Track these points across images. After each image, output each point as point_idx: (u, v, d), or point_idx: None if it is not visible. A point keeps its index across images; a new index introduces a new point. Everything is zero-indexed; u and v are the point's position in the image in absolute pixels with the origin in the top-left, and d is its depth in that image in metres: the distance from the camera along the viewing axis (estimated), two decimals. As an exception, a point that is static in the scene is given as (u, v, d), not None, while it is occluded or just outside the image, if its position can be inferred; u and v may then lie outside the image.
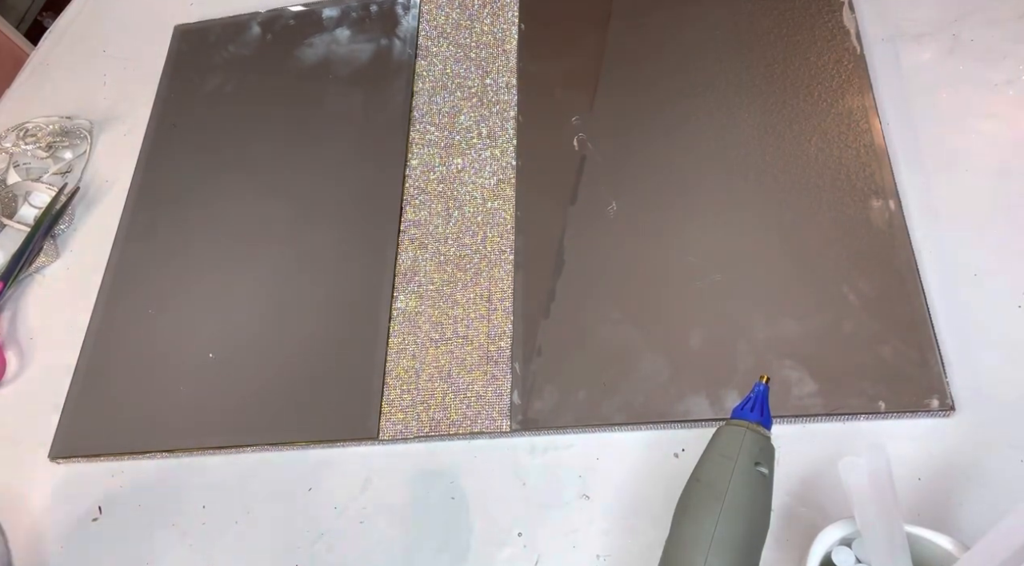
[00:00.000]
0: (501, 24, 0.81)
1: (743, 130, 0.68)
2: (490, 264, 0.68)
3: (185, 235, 0.77)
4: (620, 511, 0.57)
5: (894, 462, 0.43)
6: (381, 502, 0.61)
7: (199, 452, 0.65)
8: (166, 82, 0.88)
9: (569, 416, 0.60)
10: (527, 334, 0.64)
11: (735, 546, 0.44)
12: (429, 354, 0.65)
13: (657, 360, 0.60)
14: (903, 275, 0.59)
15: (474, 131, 0.75)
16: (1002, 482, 0.52)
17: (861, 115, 0.66)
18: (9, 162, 0.87)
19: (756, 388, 0.48)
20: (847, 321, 0.58)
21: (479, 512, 0.59)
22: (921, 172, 0.63)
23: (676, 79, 0.73)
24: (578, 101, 0.74)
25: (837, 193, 0.63)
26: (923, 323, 0.57)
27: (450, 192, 0.72)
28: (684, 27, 0.75)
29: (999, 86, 0.65)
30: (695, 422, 0.58)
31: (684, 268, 0.63)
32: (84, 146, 0.88)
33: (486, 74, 0.78)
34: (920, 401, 0.54)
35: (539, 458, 0.60)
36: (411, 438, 0.62)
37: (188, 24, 0.92)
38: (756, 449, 0.46)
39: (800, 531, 0.53)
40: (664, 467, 0.57)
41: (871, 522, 0.42)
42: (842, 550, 0.44)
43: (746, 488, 0.45)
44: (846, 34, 0.70)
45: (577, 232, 0.67)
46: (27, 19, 1.78)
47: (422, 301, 0.67)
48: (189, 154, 0.82)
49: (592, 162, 0.70)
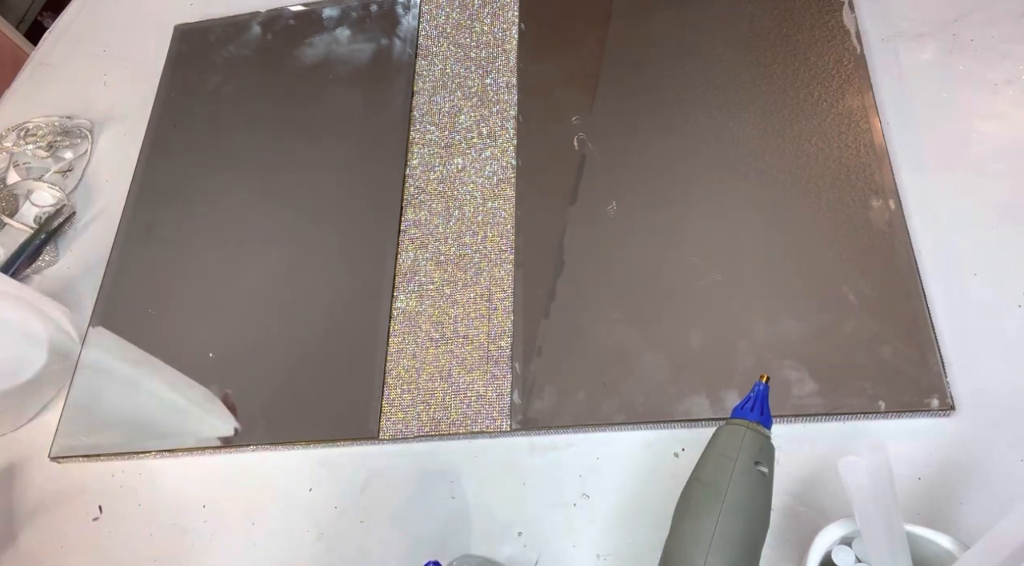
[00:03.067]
0: (501, 24, 0.81)
1: (743, 130, 0.68)
2: (490, 264, 0.68)
3: (185, 235, 0.77)
4: (620, 511, 0.57)
5: (894, 461, 0.43)
6: (381, 502, 0.61)
7: (199, 452, 0.66)
8: (166, 82, 0.88)
9: (569, 416, 0.60)
10: (527, 333, 0.64)
11: (735, 545, 0.43)
12: (429, 354, 0.65)
13: (657, 360, 0.60)
14: (903, 275, 0.59)
15: (474, 131, 0.75)
16: (1002, 481, 0.52)
17: (861, 115, 0.66)
18: (10, 162, 0.87)
19: (756, 387, 0.48)
20: (847, 321, 0.58)
21: (479, 512, 0.59)
22: (921, 172, 0.63)
23: (676, 79, 0.73)
24: (578, 101, 0.74)
25: (837, 193, 0.63)
26: (923, 323, 0.57)
27: (450, 192, 0.72)
28: (684, 27, 0.75)
29: (999, 85, 0.66)
30: (695, 422, 0.58)
31: (684, 268, 0.63)
32: (85, 146, 0.88)
33: (486, 74, 0.78)
34: (920, 401, 0.54)
35: (539, 458, 0.60)
36: (411, 438, 0.62)
37: (188, 24, 0.92)
38: (756, 448, 0.46)
39: (800, 530, 0.53)
40: (664, 467, 0.57)
41: (871, 521, 0.42)
42: (842, 549, 0.44)
43: (746, 487, 0.45)
44: (846, 34, 0.70)
45: (577, 232, 0.67)
46: (27, 19, 1.78)
47: (422, 301, 0.67)
48: (189, 154, 0.82)
49: (592, 162, 0.70)
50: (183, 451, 0.66)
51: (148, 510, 0.65)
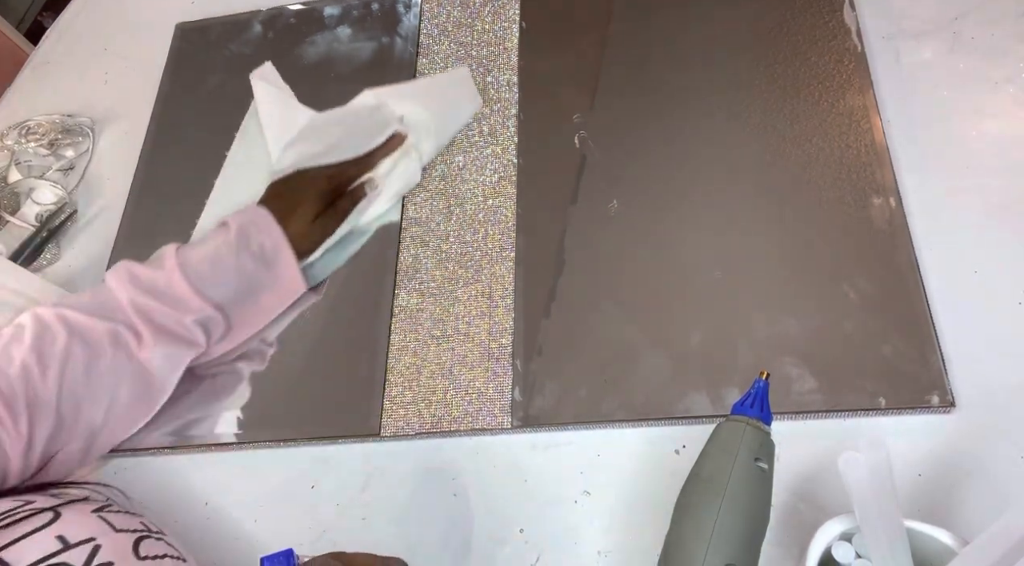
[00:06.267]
0: (502, 22, 0.81)
1: (744, 129, 0.68)
2: (491, 261, 0.68)
3: (186, 232, 0.77)
4: (621, 507, 0.57)
5: (894, 458, 0.43)
6: (383, 499, 0.61)
7: (201, 450, 0.66)
8: (167, 80, 0.88)
9: (570, 413, 0.60)
10: (528, 331, 0.64)
11: (735, 540, 0.44)
12: (430, 351, 0.65)
13: (658, 357, 0.60)
14: (903, 272, 0.59)
15: (475, 129, 0.75)
16: (1001, 478, 0.52)
17: (862, 113, 0.66)
18: (11, 160, 0.87)
19: (756, 384, 0.49)
20: (847, 318, 0.58)
21: (481, 509, 0.59)
22: (922, 170, 0.64)
23: (677, 77, 0.73)
24: (579, 99, 0.74)
25: (838, 191, 0.63)
26: (923, 320, 0.57)
27: (451, 190, 0.72)
28: (685, 25, 0.75)
29: (999, 83, 0.66)
30: (696, 419, 0.58)
31: (685, 265, 0.63)
32: (86, 144, 0.88)
33: (487, 72, 0.78)
34: (920, 397, 0.55)
35: (540, 455, 0.60)
36: (412, 435, 0.62)
37: (190, 22, 0.92)
38: (756, 445, 0.46)
39: (800, 526, 0.53)
40: (665, 464, 0.58)
41: (871, 517, 0.43)
42: (842, 545, 0.44)
43: (746, 483, 0.45)
44: (847, 33, 0.70)
45: (578, 230, 0.67)
46: (27, 19, 1.78)
47: (423, 298, 0.67)
48: (190, 152, 0.82)
49: (593, 160, 0.70)
50: (185, 448, 0.66)
51: (149, 508, 0.65)
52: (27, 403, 0.48)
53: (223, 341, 0.58)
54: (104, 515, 0.44)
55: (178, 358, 0.55)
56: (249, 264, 0.56)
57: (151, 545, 0.44)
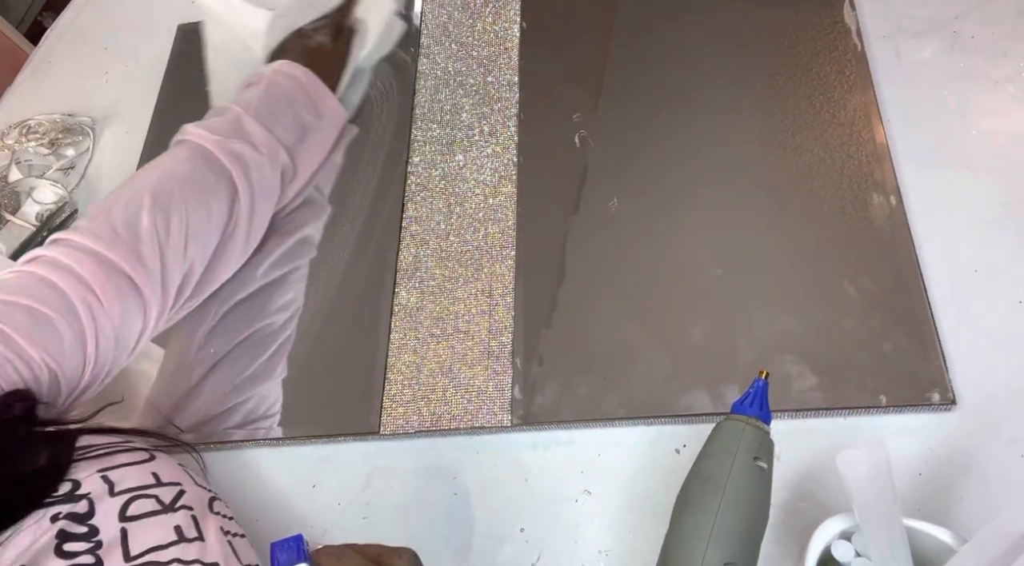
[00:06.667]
0: (503, 22, 0.81)
1: (743, 127, 0.68)
2: (491, 260, 0.68)
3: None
4: (622, 506, 0.57)
5: (895, 456, 0.43)
6: (383, 498, 0.61)
7: (201, 448, 0.66)
8: (168, 80, 0.88)
9: (570, 411, 0.60)
10: (528, 329, 0.64)
11: (734, 539, 0.44)
12: (430, 349, 0.65)
13: (658, 355, 0.60)
14: (904, 270, 0.59)
15: (476, 128, 0.75)
16: (1002, 476, 0.52)
17: (862, 112, 0.66)
18: (12, 159, 0.87)
19: (755, 383, 0.49)
20: (848, 316, 0.58)
21: (481, 507, 0.59)
22: (922, 168, 0.64)
23: (677, 76, 0.73)
24: (579, 99, 0.74)
25: (838, 189, 0.63)
26: (924, 318, 0.57)
27: (452, 189, 0.72)
28: (685, 25, 0.75)
29: (999, 83, 0.66)
30: (696, 417, 0.58)
31: (685, 263, 0.63)
32: (87, 143, 0.88)
33: (488, 72, 0.78)
34: (921, 395, 0.55)
35: (541, 453, 0.60)
36: (412, 433, 0.62)
37: (191, 23, 0.92)
38: (755, 444, 0.46)
39: (800, 525, 0.53)
40: (665, 462, 0.58)
41: (870, 515, 0.43)
42: (841, 543, 0.44)
43: (745, 482, 0.45)
44: (847, 32, 0.70)
45: (578, 229, 0.67)
46: (27, 19, 1.78)
47: (423, 296, 0.67)
48: (191, 151, 0.82)
49: (594, 159, 0.70)
50: (185, 447, 0.66)
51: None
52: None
53: (293, 181, 0.66)
54: (186, 471, 0.53)
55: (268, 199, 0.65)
56: (298, 96, 0.65)
57: (221, 506, 0.53)
